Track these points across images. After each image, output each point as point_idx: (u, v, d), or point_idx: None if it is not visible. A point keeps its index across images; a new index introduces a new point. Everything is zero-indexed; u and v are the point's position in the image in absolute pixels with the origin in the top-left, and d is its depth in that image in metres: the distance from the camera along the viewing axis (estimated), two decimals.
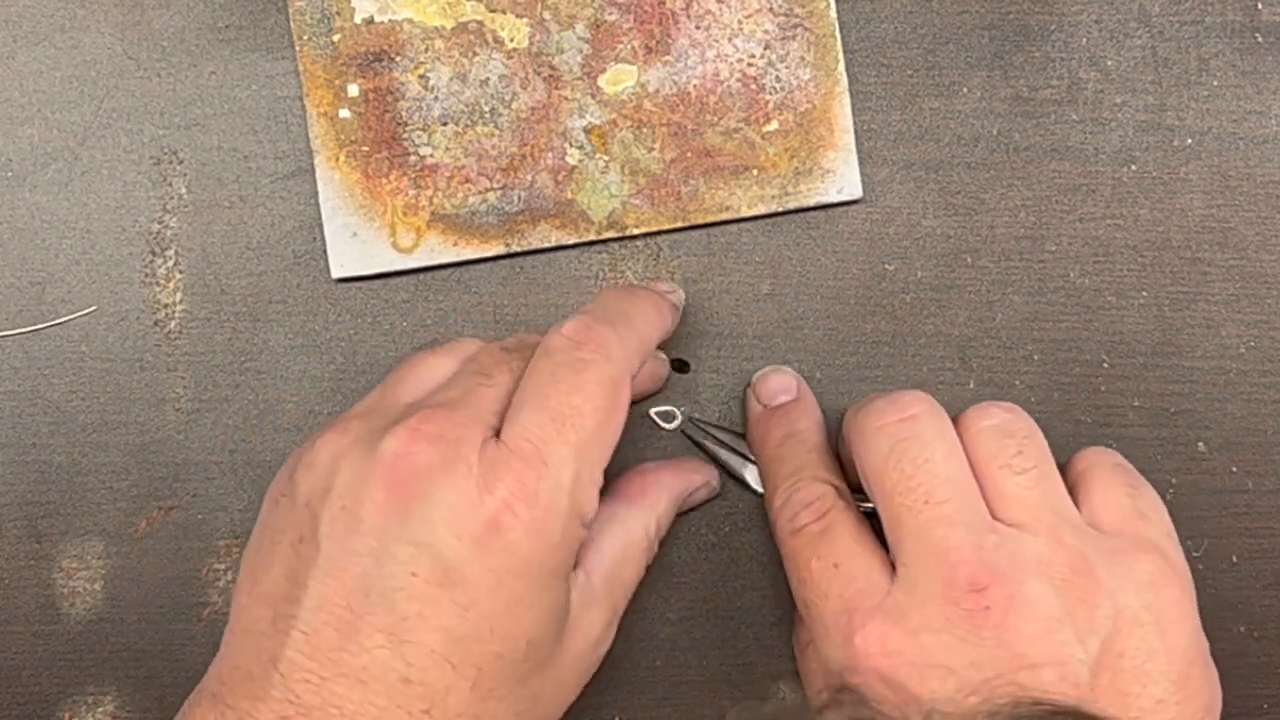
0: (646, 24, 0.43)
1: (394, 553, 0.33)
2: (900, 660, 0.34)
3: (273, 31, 0.44)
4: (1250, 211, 0.44)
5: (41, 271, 0.43)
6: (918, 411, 0.37)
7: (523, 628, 0.33)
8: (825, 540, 0.37)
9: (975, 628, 0.34)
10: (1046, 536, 0.35)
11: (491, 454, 0.33)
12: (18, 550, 0.43)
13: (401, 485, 0.33)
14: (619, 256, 0.44)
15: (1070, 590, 0.34)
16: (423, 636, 0.32)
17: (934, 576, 0.34)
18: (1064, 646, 0.34)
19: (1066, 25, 0.44)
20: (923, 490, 0.35)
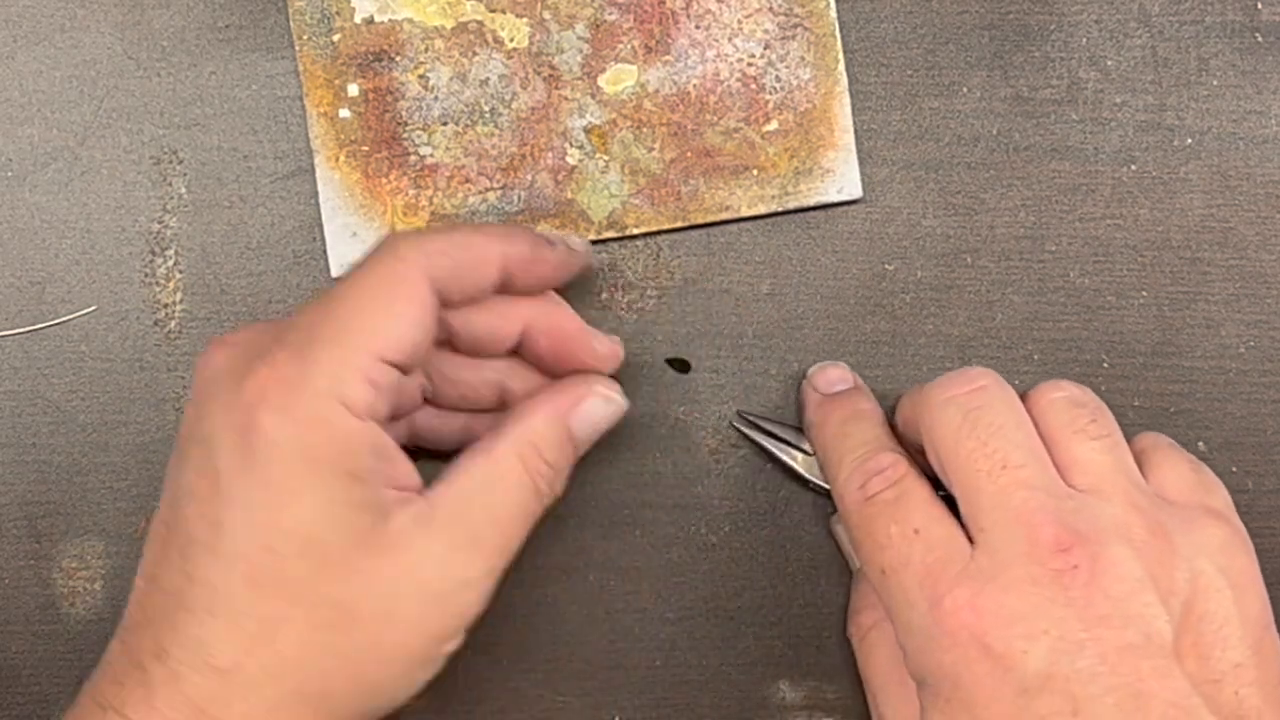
0: (646, 24, 0.43)
1: (188, 453, 0.34)
2: (991, 621, 0.33)
3: (273, 31, 0.44)
4: (1250, 211, 0.44)
5: (41, 271, 0.43)
6: (986, 383, 0.37)
7: (294, 520, 0.32)
8: (901, 506, 0.36)
9: (1063, 588, 0.33)
10: (1122, 501, 0.35)
11: (261, 346, 0.34)
12: (18, 550, 0.43)
13: (199, 388, 0.35)
14: (619, 256, 0.44)
15: (1149, 553, 0.34)
16: (196, 529, 0.33)
17: (1018, 538, 0.34)
18: (1149, 607, 0.33)
19: (1066, 25, 0.44)
20: (999, 455, 0.35)
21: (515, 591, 0.43)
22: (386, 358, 0.34)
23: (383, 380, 0.34)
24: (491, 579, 0.35)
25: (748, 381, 0.44)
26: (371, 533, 0.33)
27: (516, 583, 0.43)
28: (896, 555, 0.36)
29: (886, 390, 0.44)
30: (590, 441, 0.39)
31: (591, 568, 0.43)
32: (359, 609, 0.33)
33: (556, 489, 0.37)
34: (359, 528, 0.33)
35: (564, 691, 0.43)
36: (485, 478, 0.36)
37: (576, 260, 0.40)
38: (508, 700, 0.43)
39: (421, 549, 0.34)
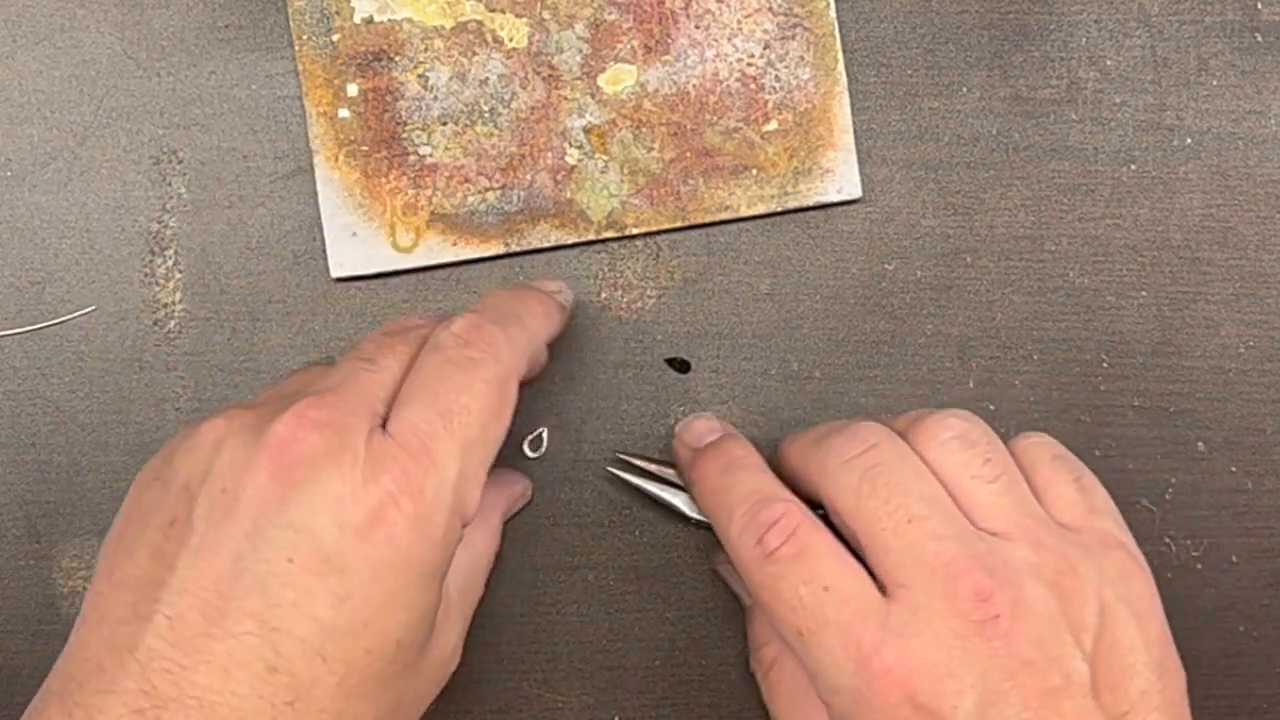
0: (646, 24, 0.43)
1: (271, 537, 0.32)
2: (921, 678, 0.33)
3: (272, 31, 0.44)
4: (1250, 211, 0.44)
5: (41, 271, 0.43)
6: (878, 440, 0.36)
7: (395, 626, 0.33)
8: (806, 562, 0.35)
9: (986, 638, 0.33)
10: (1028, 541, 0.35)
11: (378, 445, 0.33)
12: (18, 550, 0.43)
13: (285, 470, 0.32)
14: (618, 256, 0.44)
15: (1061, 592, 0.34)
16: (294, 625, 0.31)
17: (937, 592, 0.34)
18: (1066, 648, 0.34)
19: (1066, 25, 0.44)
20: (903, 511, 0.35)
21: (515, 591, 0.43)
22: (490, 465, 0.35)
23: (482, 485, 0.35)
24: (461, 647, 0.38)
25: (748, 381, 0.44)
26: (433, 630, 0.35)
27: (516, 583, 0.43)
28: (812, 617, 0.35)
29: (886, 390, 0.44)
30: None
31: (591, 568, 0.43)
32: (406, 698, 0.35)
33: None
34: (431, 628, 0.34)
35: (564, 691, 0.43)
36: (471, 561, 0.39)
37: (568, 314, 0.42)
38: (508, 700, 0.43)
39: (447, 635, 0.36)
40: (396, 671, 0.33)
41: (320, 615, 0.32)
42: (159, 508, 0.33)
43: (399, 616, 0.33)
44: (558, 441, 0.44)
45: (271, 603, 0.31)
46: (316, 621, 0.31)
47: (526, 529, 0.43)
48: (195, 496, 0.33)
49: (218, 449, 0.33)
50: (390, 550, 0.32)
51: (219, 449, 0.33)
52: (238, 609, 0.31)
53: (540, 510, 0.43)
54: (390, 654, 0.33)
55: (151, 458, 0.36)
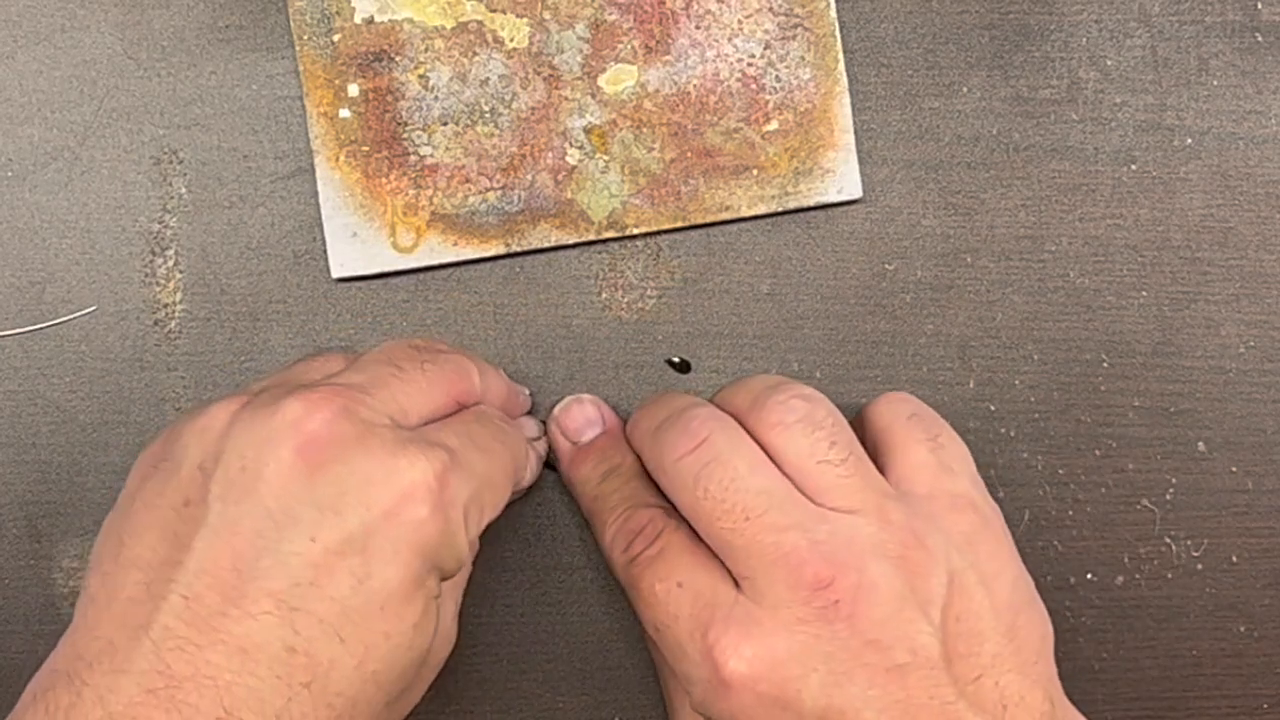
0: (646, 24, 0.43)
1: (296, 515, 0.31)
2: (762, 666, 0.34)
3: (273, 31, 0.44)
4: (1250, 211, 0.44)
5: (41, 271, 0.43)
6: (708, 433, 0.36)
7: (412, 610, 0.33)
8: (663, 562, 0.36)
9: (828, 622, 0.34)
10: (874, 517, 0.35)
11: (408, 436, 0.33)
12: (18, 550, 0.43)
13: (312, 448, 0.32)
14: (619, 256, 0.44)
15: (906, 566, 0.35)
16: (314, 605, 0.31)
17: (778, 581, 0.34)
18: (912, 624, 0.34)
19: (1066, 25, 0.44)
20: (740, 509, 0.35)
21: (515, 592, 0.43)
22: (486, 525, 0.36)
23: (479, 534, 0.36)
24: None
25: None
26: (438, 622, 0.35)
27: (516, 583, 0.43)
28: (665, 611, 0.36)
29: (886, 390, 0.43)
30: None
31: (591, 568, 0.43)
32: (414, 687, 0.36)
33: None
34: (436, 621, 0.35)
35: (564, 691, 0.43)
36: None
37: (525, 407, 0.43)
38: (508, 700, 0.43)
39: (446, 629, 0.37)
40: (412, 659, 0.33)
41: (340, 595, 0.31)
42: (170, 489, 0.33)
43: (416, 602, 0.33)
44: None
45: (292, 582, 0.31)
46: (337, 602, 0.31)
47: (527, 529, 0.43)
48: (210, 474, 0.32)
49: (231, 429, 0.33)
50: (413, 534, 0.32)
51: (234, 429, 0.33)
52: (257, 589, 0.31)
53: (540, 510, 0.43)
54: (408, 639, 0.33)
55: (160, 434, 0.35)
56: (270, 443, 0.32)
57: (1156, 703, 0.44)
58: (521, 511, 0.43)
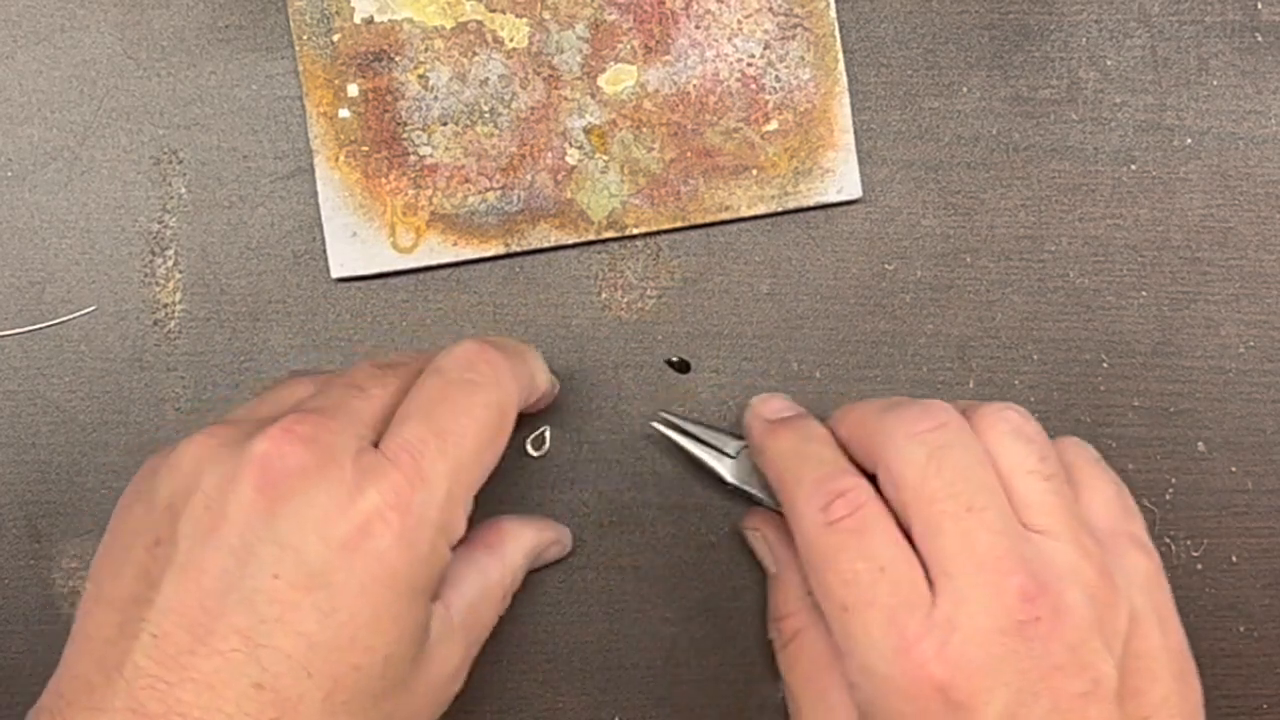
0: (646, 24, 0.43)
1: (258, 552, 0.32)
2: (958, 673, 0.33)
3: (273, 31, 0.44)
4: (1250, 211, 0.44)
5: (41, 271, 0.43)
6: (948, 420, 0.36)
7: (383, 641, 0.33)
8: (866, 539, 0.35)
9: (1026, 639, 0.33)
10: (1072, 543, 0.35)
11: (367, 461, 0.33)
12: (18, 550, 0.43)
13: (271, 485, 0.32)
14: (619, 256, 0.44)
15: (1098, 596, 0.34)
16: (280, 641, 0.31)
17: (984, 586, 0.34)
18: (1097, 654, 0.34)
19: (1066, 25, 0.44)
20: (965, 498, 0.34)
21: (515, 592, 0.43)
22: (478, 489, 0.35)
23: (469, 509, 0.35)
24: (466, 672, 0.37)
25: (748, 381, 0.44)
26: (424, 648, 0.35)
27: None
28: (861, 594, 0.35)
29: (886, 390, 0.44)
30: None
31: (591, 567, 0.43)
32: (396, 716, 0.34)
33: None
34: (421, 645, 0.34)
35: (564, 691, 0.43)
36: (481, 589, 0.38)
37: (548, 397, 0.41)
38: (508, 700, 0.43)
39: (445, 658, 0.36)
40: (385, 688, 0.33)
41: (307, 631, 0.32)
42: (143, 528, 0.33)
43: (386, 632, 0.33)
44: (557, 441, 0.44)
45: (258, 619, 0.31)
46: (303, 637, 0.32)
47: None
48: (179, 514, 0.33)
49: (199, 466, 0.33)
50: (376, 565, 0.32)
51: (200, 466, 0.33)
52: (224, 626, 0.31)
53: (540, 510, 0.43)
54: (378, 670, 0.33)
55: (141, 466, 0.36)
56: (234, 480, 0.32)
57: None
58: (522, 512, 0.43)
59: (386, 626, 0.33)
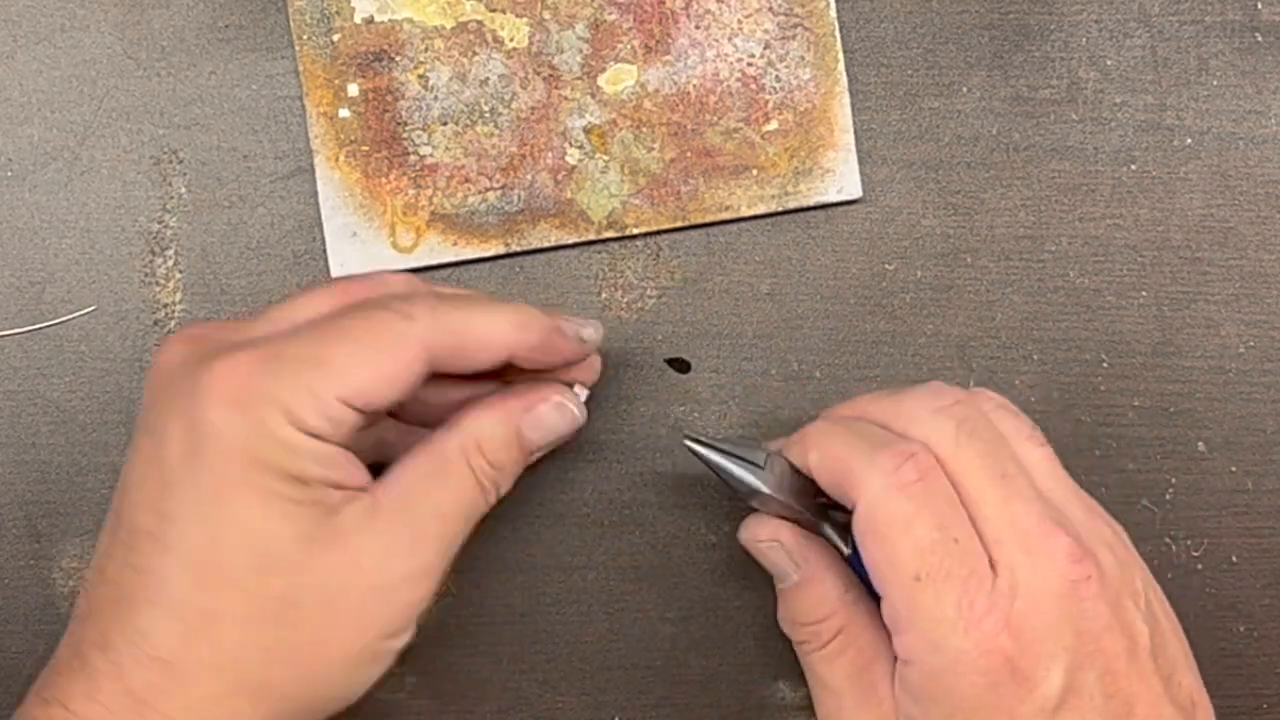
0: (646, 24, 0.43)
1: (138, 444, 0.34)
2: (1025, 641, 0.33)
3: (273, 31, 0.44)
4: (1250, 211, 0.44)
5: (41, 271, 0.43)
6: (963, 397, 0.37)
7: (232, 514, 0.33)
8: (938, 506, 0.35)
9: (1079, 599, 0.34)
10: (1079, 505, 0.36)
11: (222, 344, 0.34)
12: (18, 550, 0.43)
13: (154, 381, 0.35)
14: (619, 256, 0.44)
15: (1119, 558, 0.36)
16: (142, 520, 0.33)
17: (1035, 552, 0.34)
18: (1131, 611, 0.35)
19: (1066, 25, 0.44)
20: (998, 466, 0.35)
21: (515, 592, 0.43)
22: (350, 402, 0.34)
23: (339, 417, 0.34)
24: (434, 574, 0.35)
25: (748, 381, 0.44)
26: (316, 528, 0.34)
27: (516, 583, 0.43)
28: (938, 565, 0.34)
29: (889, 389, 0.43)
30: (544, 447, 0.39)
31: (591, 568, 0.43)
32: (302, 603, 0.34)
33: (501, 488, 0.37)
34: (302, 524, 0.33)
35: (564, 691, 0.43)
36: (430, 473, 0.36)
37: (585, 350, 0.39)
38: (508, 700, 0.43)
39: (365, 543, 0.34)
40: (254, 564, 0.33)
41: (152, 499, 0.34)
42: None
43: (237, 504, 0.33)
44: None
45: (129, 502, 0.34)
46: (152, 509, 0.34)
47: (527, 529, 0.43)
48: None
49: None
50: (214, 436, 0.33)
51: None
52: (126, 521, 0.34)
53: (540, 510, 0.43)
54: (240, 543, 0.33)
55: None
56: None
57: None
58: (521, 512, 0.43)
59: (235, 498, 0.33)
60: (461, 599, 0.43)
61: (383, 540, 0.34)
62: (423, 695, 0.43)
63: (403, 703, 0.43)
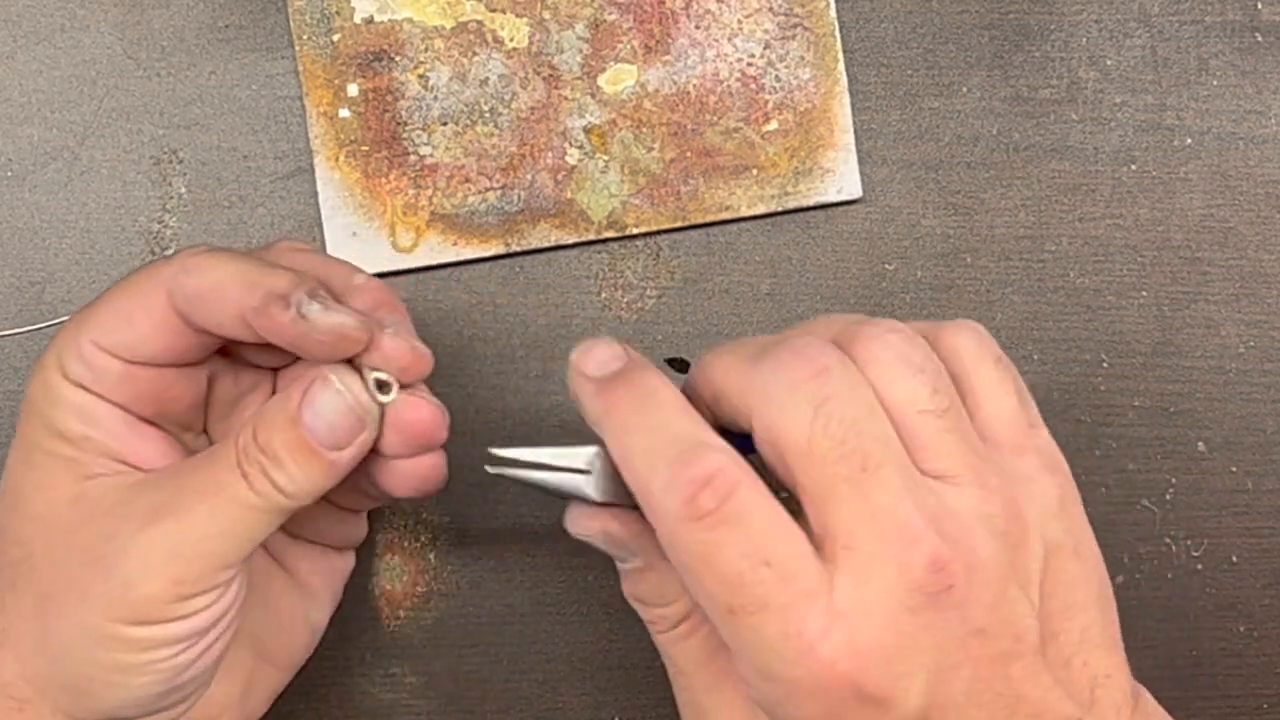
0: (646, 24, 0.43)
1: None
2: (870, 663, 0.29)
3: (273, 31, 0.44)
4: (1250, 211, 0.44)
5: (41, 271, 0.43)
6: (829, 363, 0.31)
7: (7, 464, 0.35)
8: (745, 529, 0.30)
9: (940, 610, 0.29)
10: (976, 485, 0.31)
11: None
12: None
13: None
14: (619, 256, 0.44)
15: (1010, 540, 0.31)
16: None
17: (888, 559, 0.29)
18: (1016, 605, 0.30)
19: (1066, 25, 0.44)
20: (858, 456, 0.30)
21: (515, 592, 0.43)
22: (101, 345, 0.35)
23: (98, 364, 0.35)
24: (175, 561, 0.33)
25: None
26: (61, 485, 0.34)
27: (517, 583, 0.43)
28: (750, 597, 0.30)
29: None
30: (336, 439, 0.34)
31: (591, 568, 0.43)
32: (35, 554, 0.34)
33: (278, 480, 0.33)
34: (49, 477, 0.34)
35: (564, 691, 0.43)
36: (200, 458, 0.35)
37: (305, 331, 0.33)
38: (508, 700, 0.43)
39: (106, 512, 0.34)
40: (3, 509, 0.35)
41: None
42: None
43: (10, 456, 0.35)
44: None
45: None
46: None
47: (527, 530, 0.43)
48: None
49: None
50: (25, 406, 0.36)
51: None
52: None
53: (540, 511, 0.43)
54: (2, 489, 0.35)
55: None
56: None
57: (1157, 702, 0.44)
58: (521, 513, 0.43)
59: (11, 451, 0.35)
60: (461, 599, 0.43)
61: (127, 513, 0.33)
62: (423, 695, 0.43)
63: (403, 703, 0.43)
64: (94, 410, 0.35)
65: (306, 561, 0.39)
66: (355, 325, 0.34)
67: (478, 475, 0.44)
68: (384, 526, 0.43)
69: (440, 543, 0.43)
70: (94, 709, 0.34)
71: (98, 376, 0.34)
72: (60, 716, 0.34)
